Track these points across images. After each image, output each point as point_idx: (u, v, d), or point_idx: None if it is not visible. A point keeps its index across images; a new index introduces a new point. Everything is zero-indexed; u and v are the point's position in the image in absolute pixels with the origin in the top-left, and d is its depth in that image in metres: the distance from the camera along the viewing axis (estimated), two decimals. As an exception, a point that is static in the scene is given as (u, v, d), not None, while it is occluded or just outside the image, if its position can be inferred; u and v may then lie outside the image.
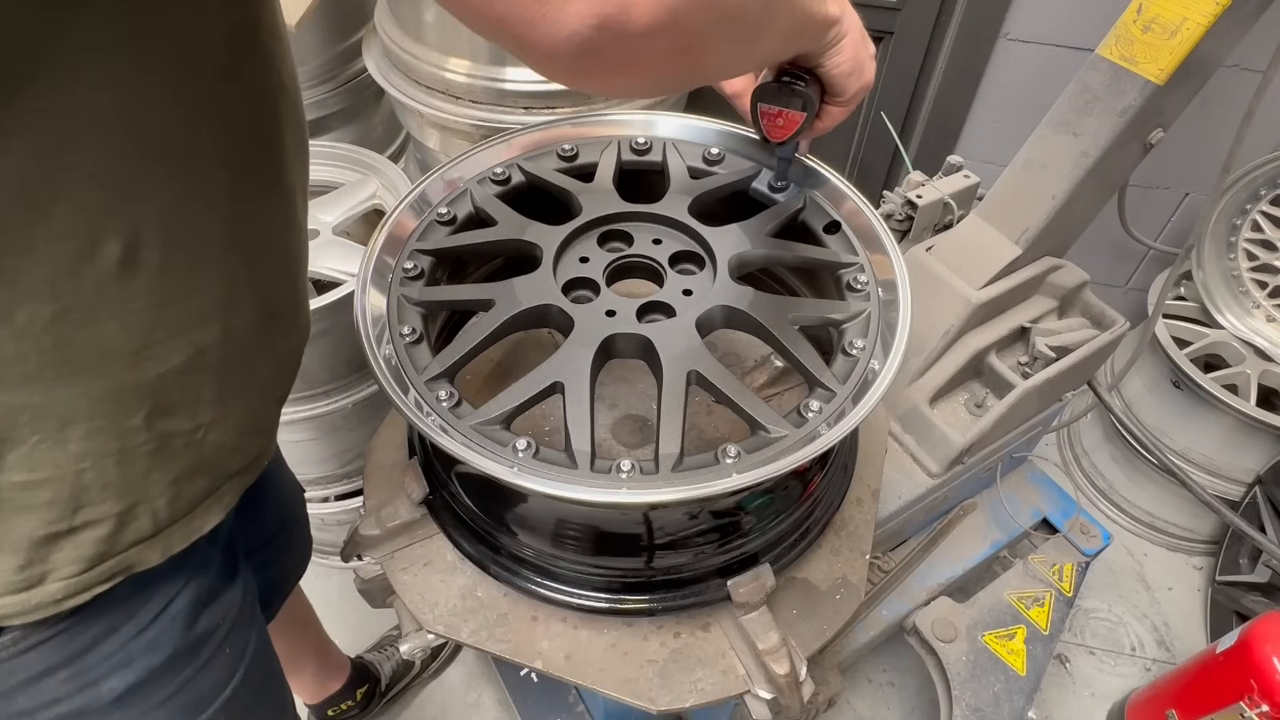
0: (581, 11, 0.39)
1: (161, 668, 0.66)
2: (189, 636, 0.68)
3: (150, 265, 0.50)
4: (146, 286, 0.51)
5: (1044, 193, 1.21)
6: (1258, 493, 1.78)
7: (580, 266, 0.83)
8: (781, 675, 0.76)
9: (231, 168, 0.54)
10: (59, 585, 0.56)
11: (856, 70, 0.65)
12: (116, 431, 0.54)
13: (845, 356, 0.76)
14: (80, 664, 0.61)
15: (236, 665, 0.76)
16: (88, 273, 0.47)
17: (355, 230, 1.50)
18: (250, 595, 0.80)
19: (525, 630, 0.82)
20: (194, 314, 0.55)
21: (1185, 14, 1.03)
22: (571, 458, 0.68)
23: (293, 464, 1.56)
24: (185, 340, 0.55)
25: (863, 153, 2.21)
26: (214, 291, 0.56)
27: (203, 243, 0.54)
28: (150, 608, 0.64)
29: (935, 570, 1.48)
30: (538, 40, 0.40)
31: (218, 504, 0.66)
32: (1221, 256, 1.86)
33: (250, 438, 0.68)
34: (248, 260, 0.59)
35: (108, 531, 0.57)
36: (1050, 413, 1.46)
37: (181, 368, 0.56)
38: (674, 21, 0.43)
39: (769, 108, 0.68)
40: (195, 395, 0.58)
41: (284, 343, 0.70)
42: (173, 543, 0.62)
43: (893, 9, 1.89)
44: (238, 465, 0.67)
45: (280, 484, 1.06)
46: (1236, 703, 1.23)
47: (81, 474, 0.54)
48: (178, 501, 0.61)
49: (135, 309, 0.51)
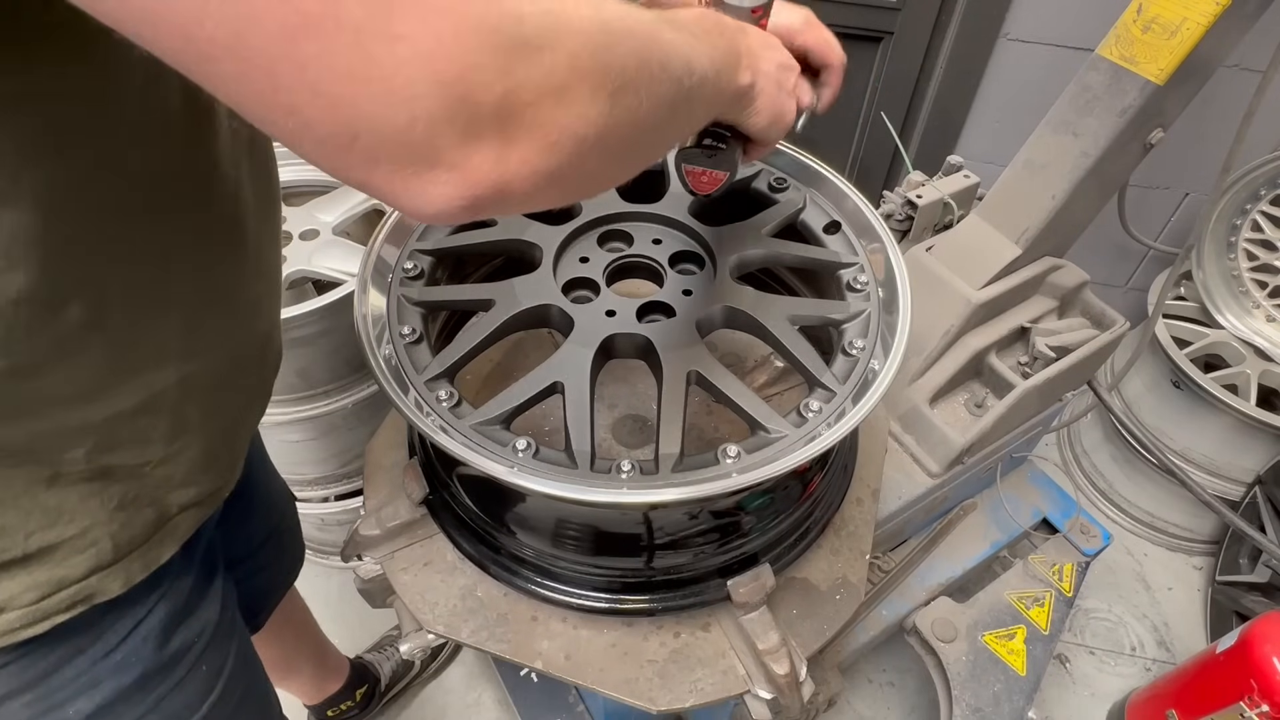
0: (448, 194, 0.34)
1: (131, 688, 0.65)
2: (161, 656, 0.67)
3: (112, 323, 0.50)
4: (105, 341, 0.50)
5: (1044, 193, 1.21)
6: (1258, 493, 1.78)
7: (580, 266, 0.83)
8: (781, 675, 0.76)
9: (195, 225, 0.54)
10: (16, 614, 0.55)
11: (775, 120, 0.62)
12: (50, 461, 0.53)
13: (845, 356, 0.76)
14: (44, 687, 0.60)
15: (214, 682, 0.75)
16: (46, 332, 0.46)
17: (355, 230, 1.50)
18: (230, 609, 0.79)
19: (525, 630, 0.82)
20: (151, 359, 0.54)
21: (1185, 14, 1.03)
22: (571, 458, 0.68)
23: (293, 464, 1.57)
24: (139, 384, 0.54)
25: (863, 153, 2.21)
26: (174, 340, 0.56)
27: (166, 298, 0.54)
28: (118, 629, 0.63)
29: (935, 570, 1.48)
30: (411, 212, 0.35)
31: (171, 535, 0.65)
32: (1221, 256, 1.86)
33: (205, 473, 0.66)
34: (212, 310, 0.59)
35: (62, 557, 0.56)
36: (1050, 413, 1.46)
37: (132, 410, 0.55)
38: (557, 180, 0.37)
39: (693, 168, 0.68)
40: (144, 434, 0.57)
41: (254, 378, 0.70)
42: (133, 572, 0.61)
43: (893, 9, 1.89)
44: (190, 498, 0.66)
45: (269, 493, 1.05)
46: (1236, 703, 1.23)
47: (18, 499, 0.53)
48: (131, 528, 0.60)
49: (91, 360, 0.50)
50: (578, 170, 0.38)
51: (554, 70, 0.34)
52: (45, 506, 0.54)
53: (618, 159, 0.43)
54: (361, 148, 0.31)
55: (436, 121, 0.31)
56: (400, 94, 0.30)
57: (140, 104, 0.45)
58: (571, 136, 0.36)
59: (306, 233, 1.40)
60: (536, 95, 0.33)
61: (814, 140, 2.11)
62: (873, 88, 2.07)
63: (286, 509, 1.12)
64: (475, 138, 0.33)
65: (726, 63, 0.53)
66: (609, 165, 0.42)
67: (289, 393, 1.39)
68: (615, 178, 0.45)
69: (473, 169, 0.33)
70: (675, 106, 0.44)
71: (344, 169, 0.33)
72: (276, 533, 1.08)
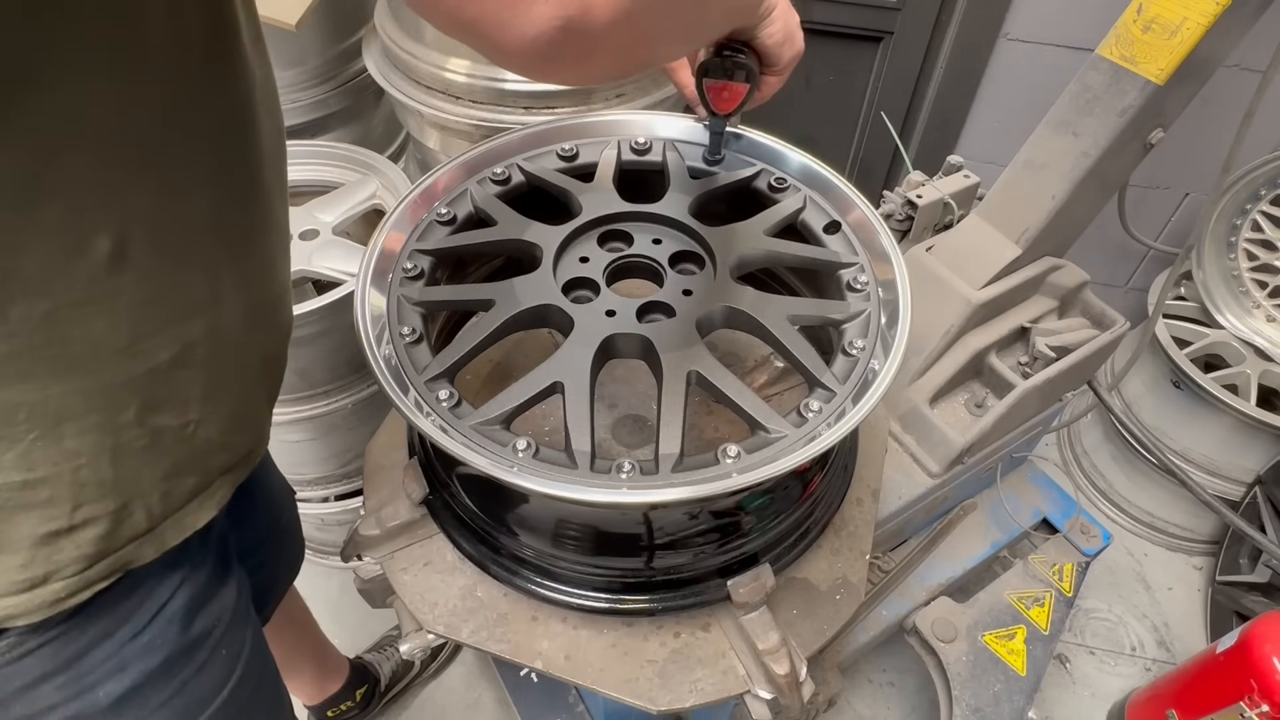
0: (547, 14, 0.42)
1: (158, 671, 0.66)
2: (185, 638, 0.68)
3: (138, 261, 0.51)
4: (135, 281, 0.51)
5: (1044, 193, 1.21)
6: (1258, 493, 1.78)
7: (580, 266, 0.83)
8: (781, 675, 0.76)
9: (213, 165, 0.55)
10: (61, 584, 0.57)
11: (789, 39, 0.69)
12: (110, 428, 0.54)
13: (845, 356, 0.76)
14: (76, 669, 0.61)
15: (233, 666, 0.76)
16: (79, 269, 0.48)
17: (355, 230, 1.50)
18: (244, 596, 0.80)
19: (525, 630, 0.82)
20: (180, 309, 0.56)
21: (1185, 14, 1.03)
22: (571, 458, 0.68)
23: (293, 464, 1.57)
24: (172, 335, 0.56)
25: (863, 153, 2.21)
26: (199, 287, 0.57)
27: (187, 239, 0.55)
28: (145, 611, 0.65)
29: (935, 570, 1.48)
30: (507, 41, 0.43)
31: (210, 500, 0.66)
32: (1221, 256, 1.86)
33: (239, 434, 0.68)
34: (230, 257, 0.60)
35: (105, 529, 0.57)
36: (1050, 413, 1.46)
37: (169, 363, 0.56)
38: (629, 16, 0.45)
39: (714, 82, 0.73)
40: (184, 391, 0.59)
41: (268, 339, 0.71)
42: (166, 539, 0.63)
43: (893, 9, 1.89)
44: (227, 462, 0.68)
45: (270, 488, 1.06)
46: (1236, 703, 1.23)
47: (78, 470, 0.54)
48: (170, 497, 0.62)
49: (124, 304, 0.52)
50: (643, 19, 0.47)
51: None
52: (101, 479, 0.55)
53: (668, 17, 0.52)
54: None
55: None
56: None
57: (162, 33, 0.47)
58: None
59: (306, 233, 1.40)
60: None
61: (814, 140, 2.12)
62: (873, 88, 2.07)
63: (287, 505, 1.13)
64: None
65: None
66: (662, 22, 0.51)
67: (289, 393, 1.39)
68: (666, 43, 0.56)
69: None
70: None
71: None
72: (278, 528, 1.08)
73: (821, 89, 2.11)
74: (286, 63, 1.60)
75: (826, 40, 1.98)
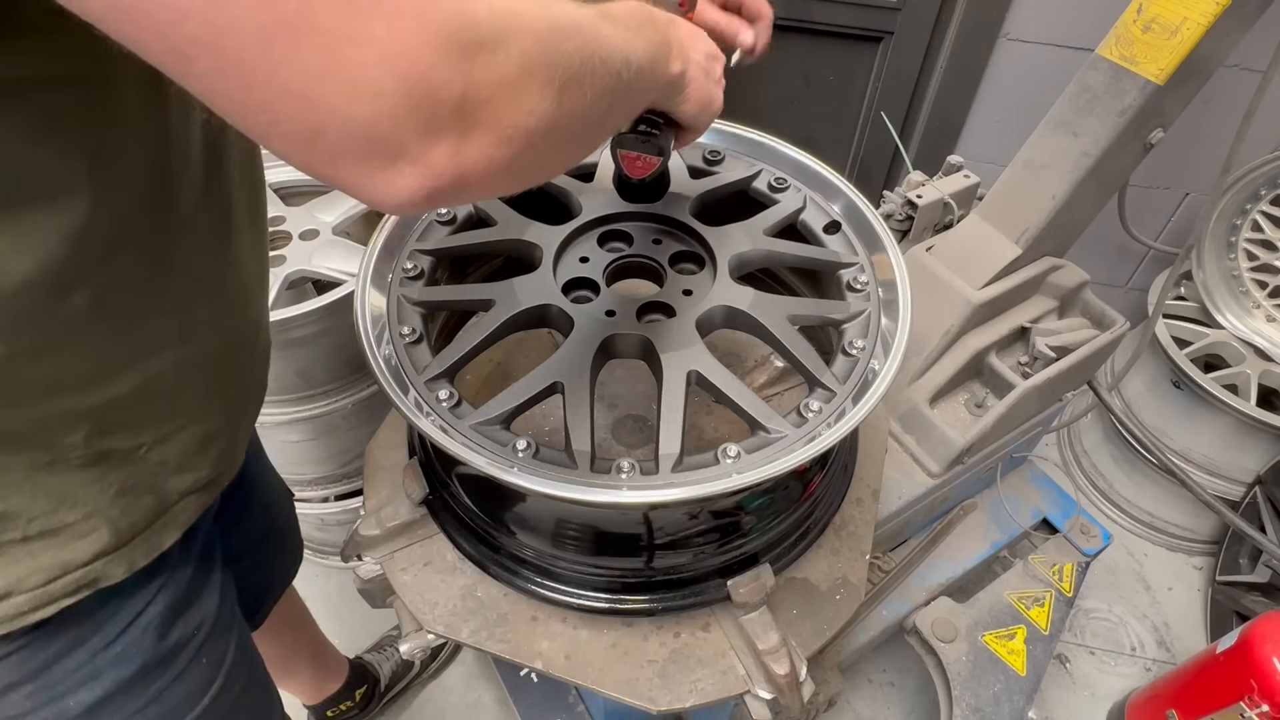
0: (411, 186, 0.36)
1: (131, 680, 0.66)
2: (161, 648, 0.67)
3: (112, 311, 0.51)
4: (106, 328, 0.51)
5: (1044, 193, 1.21)
6: (1258, 493, 1.78)
7: (580, 266, 0.83)
8: (781, 675, 0.76)
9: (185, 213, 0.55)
10: (23, 598, 0.56)
11: (704, 108, 0.66)
12: (49, 446, 0.54)
13: (845, 356, 0.76)
14: (45, 678, 0.61)
15: (214, 675, 0.75)
16: (49, 320, 0.48)
17: (355, 230, 1.50)
18: (229, 602, 0.79)
19: (525, 630, 0.82)
20: (148, 346, 0.56)
21: (1185, 14, 1.03)
22: (571, 458, 0.68)
23: (292, 464, 1.57)
24: (138, 369, 0.56)
25: (863, 153, 2.21)
26: (170, 326, 0.57)
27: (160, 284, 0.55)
28: (118, 620, 0.64)
29: (935, 570, 1.48)
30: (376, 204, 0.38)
31: (173, 522, 0.66)
32: (1221, 256, 1.86)
33: (201, 458, 0.67)
34: (203, 294, 0.60)
35: (65, 541, 0.57)
36: (1050, 413, 1.46)
37: (129, 393, 0.56)
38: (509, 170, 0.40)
39: (628, 153, 0.72)
40: (138, 418, 0.59)
41: (244, 365, 0.71)
42: (136, 558, 0.62)
43: (893, 9, 1.89)
44: (189, 484, 0.67)
45: (266, 490, 1.06)
46: (1236, 703, 1.23)
47: (20, 483, 0.53)
48: (132, 514, 0.61)
49: (91, 347, 0.51)
50: (528, 160, 0.40)
51: (508, 68, 0.36)
52: (47, 491, 0.55)
53: (563, 148, 0.46)
54: (329, 143, 0.33)
55: (400, 117, 0.33)
56: (366, 92, 0.32)
57: (140, 94, 0.46)
58: (523, 129, 0.38)
59: (306, 233, 1.40)
60: (492, 92, 0.36)
61: (814, 140, 2.12)
62: (873, 88, 2.07)
63: (284, 506, 1.12)
64: (436, 132, 0.35)
65: (660, 53, 0.56)
66: (556, 154, 0.46)
67: (289, 393, 1.39)
68: (561, 165, 0.49)
69: (433, 162, 0.36)
70: (615, 97, 0.47)
71: (313, 164, 0.35)
72: (274, 530, 1.08)
73: (821, 89, 2.11)
74: (286, 63, 1.60)
75: (826, 40, 1.98)
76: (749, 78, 2.13)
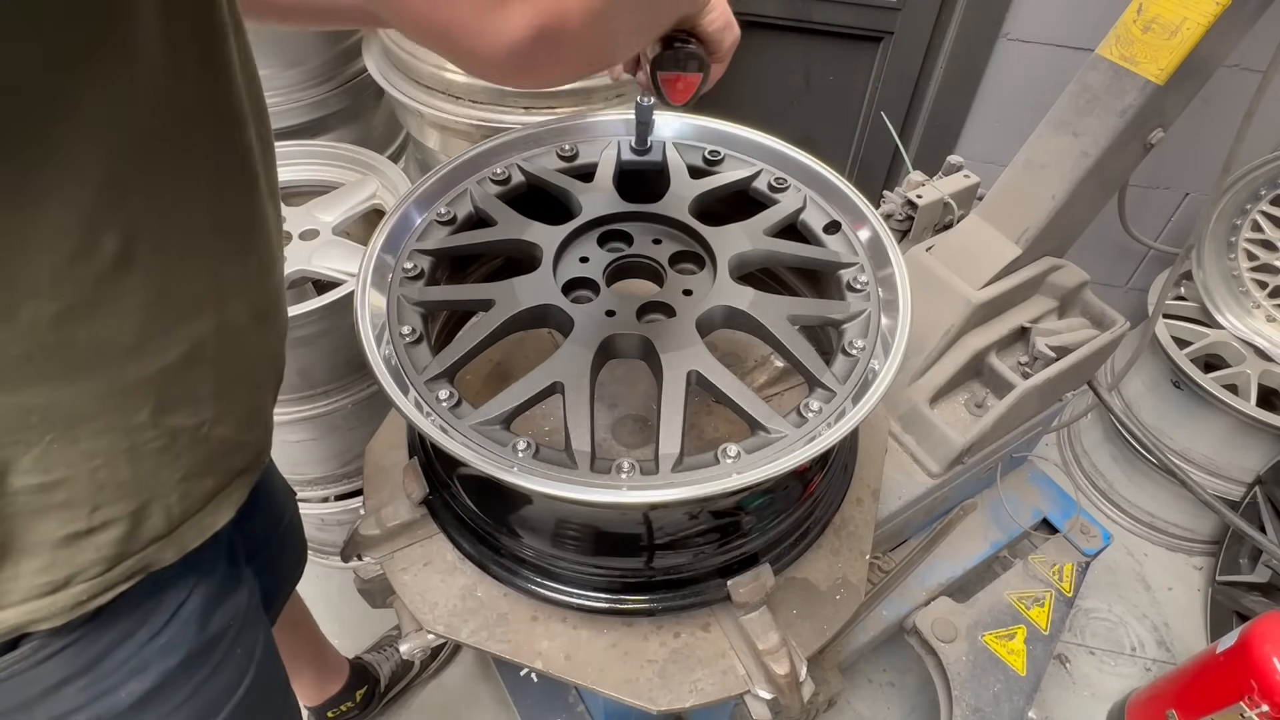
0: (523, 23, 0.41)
1: (176, 670, 0.67)
2: (202, 638, 0.69)
3: (143, 261, 0.51)
4: (141, 282, 0.52)
5: (1044, 193, 1.21)
6: (1258, 493, 1.78)
7: (580, 266, 0.83)
8: (781, 675, 0.76)
9: (209, 165, 0.56)
10: (83, 587, 0.57)
11: (728, 25, 0.71)
12: (124, 428, 0.55)
13: (845, 356, 0.76)
14: (97, 671, 0.62)
15: (247, 666, 0.76)
16: (85, 270, 0.48)
17: (355, 230, 1.50)
18: (254, 596, 0.81)
19: (525, 630, 0.82)
20: (187, 307, 0.56)
21: (1185, 14, 1.03)
22: (571, 458, 0.68)
23: (293, 464, 1.57)
24: (181, 334, 0.56)
25: (863, 153, 2.21)
26: (203, 285, 0.57)
27: (190, 238, 0.55)
28: (163, 611, 0.65)
29: (935, 570, 1.48)
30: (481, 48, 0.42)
31: (227, 500, 0.67)
32: (1221, 256, 1.86)
33: (252, 432, 0.69)
34: (230, 254, 0.60)
35: (124, 530, 0.58)
36: (1050, 413, 1.46)
37: (180, 362, 0.57)
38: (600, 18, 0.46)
39: (668, 74, 0.73)
40: (196, 390, 0.59)
41: (271, 337, 0.71)
42: (186, 541, 0.63)
43: (893, 9, 1.89)
44: (243, 462, 0.68)
45: (271, 490, 1.06)
46: (1236, 703, 1.23)
47: (95, 472, 0.54)
48: (188, 499, 0.62)
49: (131, 305, 0.52)
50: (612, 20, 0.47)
51: None
52: (120, 480, 0.56)
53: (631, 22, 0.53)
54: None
55: None
56: None
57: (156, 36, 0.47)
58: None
59: (306, 233, 1.40)
60: None
61: (814, 140, 2.12)
62: (873, 88, 2.07)
63: (288, 507, 1.13)
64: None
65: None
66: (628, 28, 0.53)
67: (289, 393, 1.39)
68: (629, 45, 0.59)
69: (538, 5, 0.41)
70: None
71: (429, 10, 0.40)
72: (279, 531, 1.08)
73: (821, 89, 2.11)
74: (286, 63, 1.60)
75: (826, 40, 1.98)
76: (749, 78, 2.14)
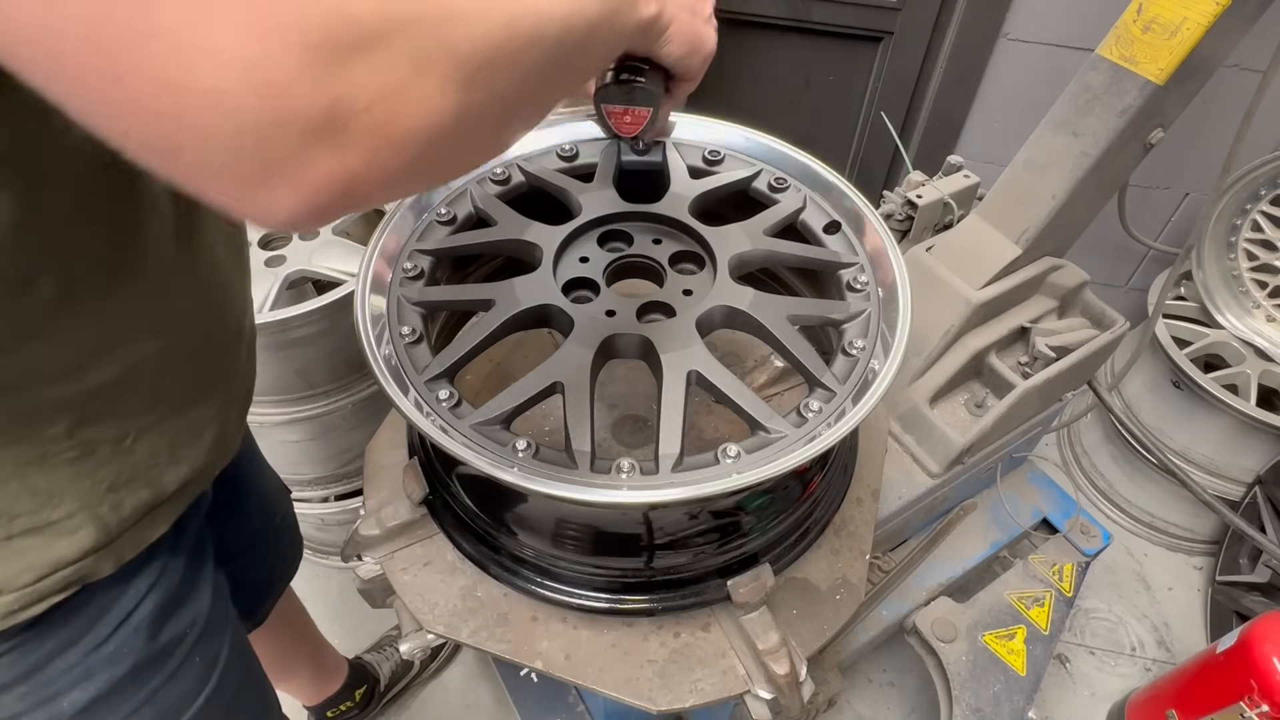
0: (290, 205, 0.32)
1: (124, 679, 0.65)
2: (153, 647, 0.67)
3: (81, 297, 0.50)
4: (78, 316, 0.50)
5: (1044, 193, 1.21)
6: (1258, 493, 1.78)
7: (580, 266, 0.83)
8: (781, 675, 0.76)
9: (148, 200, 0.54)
10: (12, 596, 0.56)
11: (693, 49, 0.61)
12: (35, 439, 0.53)
13: (845, 356, 0.76)
14: (38, 678, 0.61)
15: (208, 674, 0.75)
16: (22, 309, 0.47)
17: (355, 230, 1.50)
18: (221, 600, 0.79)
19: (525, 630, 0.82)
20: (126, 335, 0.55)
21: (1185, 14, 1.03)
22: (571, 458, 0.68)
23: (292, 464, 1.57)
24: (116, 358, 0.55)
25: (863, 153, 2.21)
26: (146, 314, 0.56)
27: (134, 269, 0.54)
28: (109, 620, 0.64)
29: (935, 570, 1.48)
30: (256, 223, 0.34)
31: (163, 515, 0.65)
32: (1221, 256, 1.86)
33: (192, 448, 0.66)
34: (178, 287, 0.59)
35: (51, 539, 0.56)
36: (1050, 413, 1.46)
37: (112, 382, 0.55)
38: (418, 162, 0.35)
39: (614, 108, 0.65)
40: (124, 407, 0.58)
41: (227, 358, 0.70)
42: (124, 552, 0.62)
43: (893, 9, 1.89)
44: (183, 476, 0.66)
45: (262, 488, 1.05)
46: (1236, 703, 1.23)
47: (5, 481, 0.53)
48: (122, 509, 0.60)
49: (66, 338, 0.51)
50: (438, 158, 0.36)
51: (392, 70, 0.32)
52: (34, 489, 0.54)
53: (485, 137, 0.41)
54: (190, 160, 0.30)
55: (265, 132, 0.29)
56: (223, 105, 0.28)
57: None
58: (421, 131, 0.34)
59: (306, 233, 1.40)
60: (370, 99, 0.31)
61: (814, 140, 2.12)
62: (873, 88, 2.07)
63: (281, 504, 1.12)
64: (309, 146, 0.30)
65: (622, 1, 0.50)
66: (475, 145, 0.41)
67: (289, 393, 1.39)
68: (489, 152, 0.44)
69: (312, 178, 0.31)
70: (549, 70, 0.41)
71: (182, 181, 0.31)
72: (271, 528, 1.08)
73: (821, 89, 2.11)
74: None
75: (826, 40, 1.98)
76: (749, 78, 2.13)
